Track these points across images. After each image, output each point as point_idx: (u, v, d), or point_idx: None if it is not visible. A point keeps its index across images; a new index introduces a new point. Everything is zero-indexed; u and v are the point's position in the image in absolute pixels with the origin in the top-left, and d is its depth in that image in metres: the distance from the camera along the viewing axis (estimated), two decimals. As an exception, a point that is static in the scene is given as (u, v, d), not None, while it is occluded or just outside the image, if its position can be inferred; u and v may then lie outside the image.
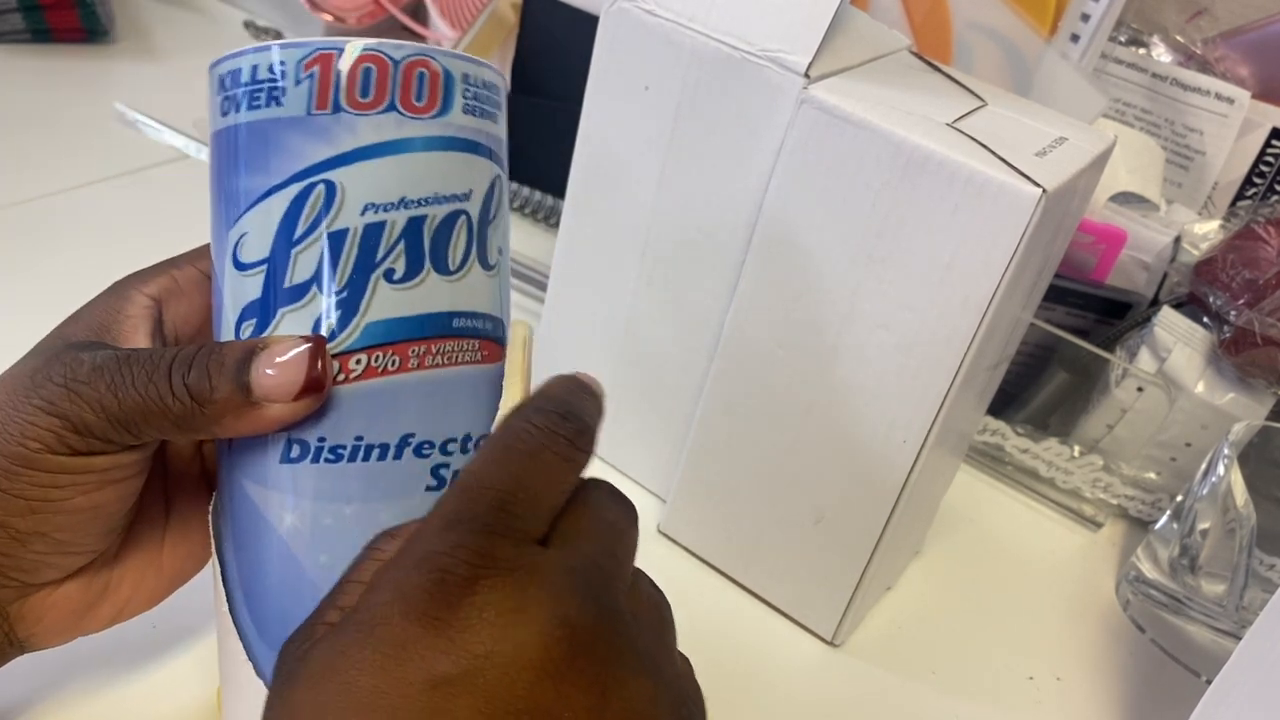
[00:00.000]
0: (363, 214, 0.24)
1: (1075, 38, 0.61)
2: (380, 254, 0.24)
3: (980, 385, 0.41)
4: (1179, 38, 0.69)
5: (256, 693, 0.25)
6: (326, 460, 0.24)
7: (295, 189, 0.24)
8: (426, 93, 0.25)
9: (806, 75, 0.35)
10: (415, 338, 0.25)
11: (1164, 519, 0.49)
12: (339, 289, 0.24)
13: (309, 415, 0.24)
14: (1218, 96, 0.66)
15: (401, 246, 0.25)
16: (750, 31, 0.36)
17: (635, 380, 0.46)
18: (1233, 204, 0.68)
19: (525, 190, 0.67)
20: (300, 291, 0.24)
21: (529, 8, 0.64)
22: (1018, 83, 0.56)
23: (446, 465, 0.25)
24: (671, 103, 0.39)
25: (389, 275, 0.24)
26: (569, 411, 0.24)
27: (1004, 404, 0.55)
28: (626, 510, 0.25)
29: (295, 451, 0.25)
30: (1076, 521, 0.54)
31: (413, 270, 0.25)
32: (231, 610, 0.26)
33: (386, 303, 0.24)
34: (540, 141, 0.65)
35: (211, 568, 0.27)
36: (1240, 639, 0.31)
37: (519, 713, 0.19)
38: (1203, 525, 0.46)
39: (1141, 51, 0.68)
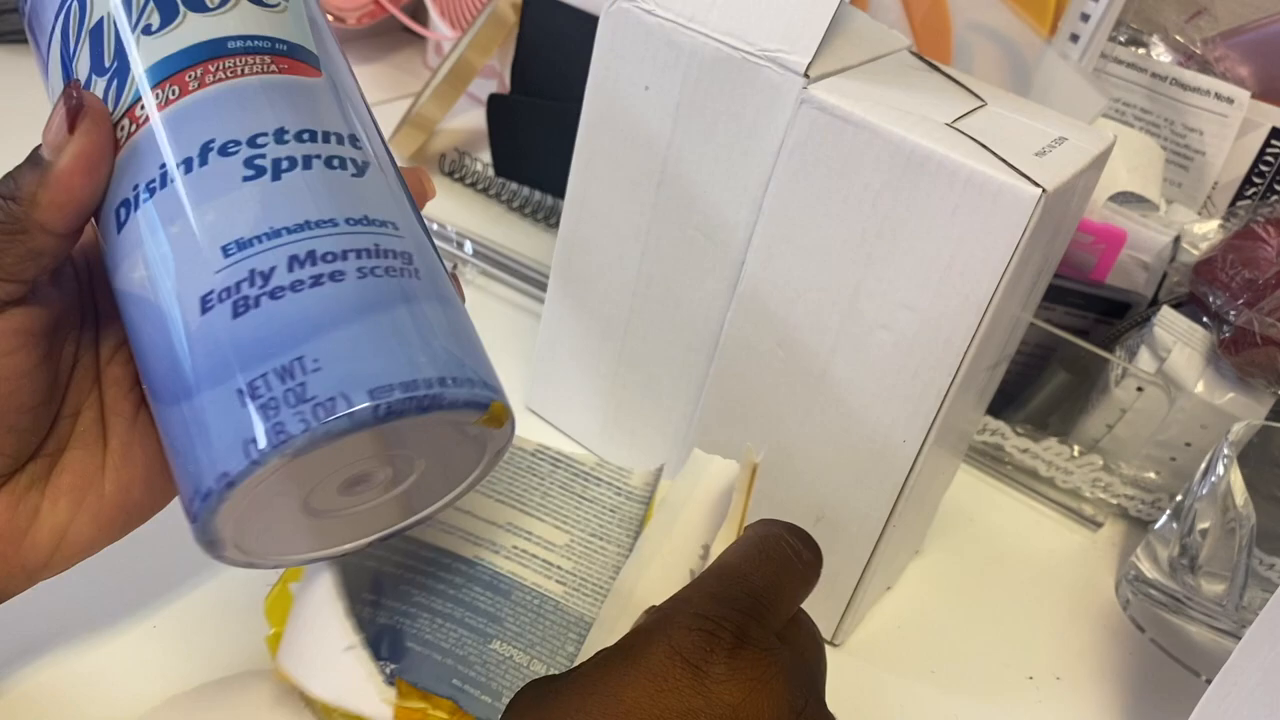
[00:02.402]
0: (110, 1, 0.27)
1: (1075, 38, 0.61)
2: (134, 18, 0.26)
3: (980, 385, 0.41)
4: (1179, 38, 0.69)
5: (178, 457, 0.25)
6: (144, 201, 0.25)
7: (61, 20, 0.27)
8: None
9: (806, 75, 0.35)
10: (189, 65, 0.26)
11: (1164, 519, 0.49)
12: (109, 64, 0.26)
13: (123, 176, 0.26)
14: (1217, 96, 0.66)
15: (151, 3, 0.26)
16: (750, 31, 0.36)
17: (635, 380, 0.46)
18: (1232, 204, 0.68)
19: (525, 190, 0.67)
20: (88, 86, 0.27)
21: (529, 8, 0.64)
22: (1017, 83, 0.56)
23: (260, 156, 0.25)
24: (671, 103, 0.39)
25: (147, 30, 0.26)
26: (810, 541, 0.29)
27: (1004, 404, 0.55)
28: (821, 637, 0.29)
29: (123, 215, 0.26)
30: (1076, 521, 0.54)
31: (169, 17, 0.26)
32: (152, 412, 0.26)
33: (152, 51, 0.26)
34: (540, 141, 0.65)
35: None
36: (1240, 639, 0.31)
37: None
38: (1202, 525, 0.46)
39: (1141, 51, 0.68)
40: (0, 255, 0.26)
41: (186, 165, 0.25)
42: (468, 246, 0.61)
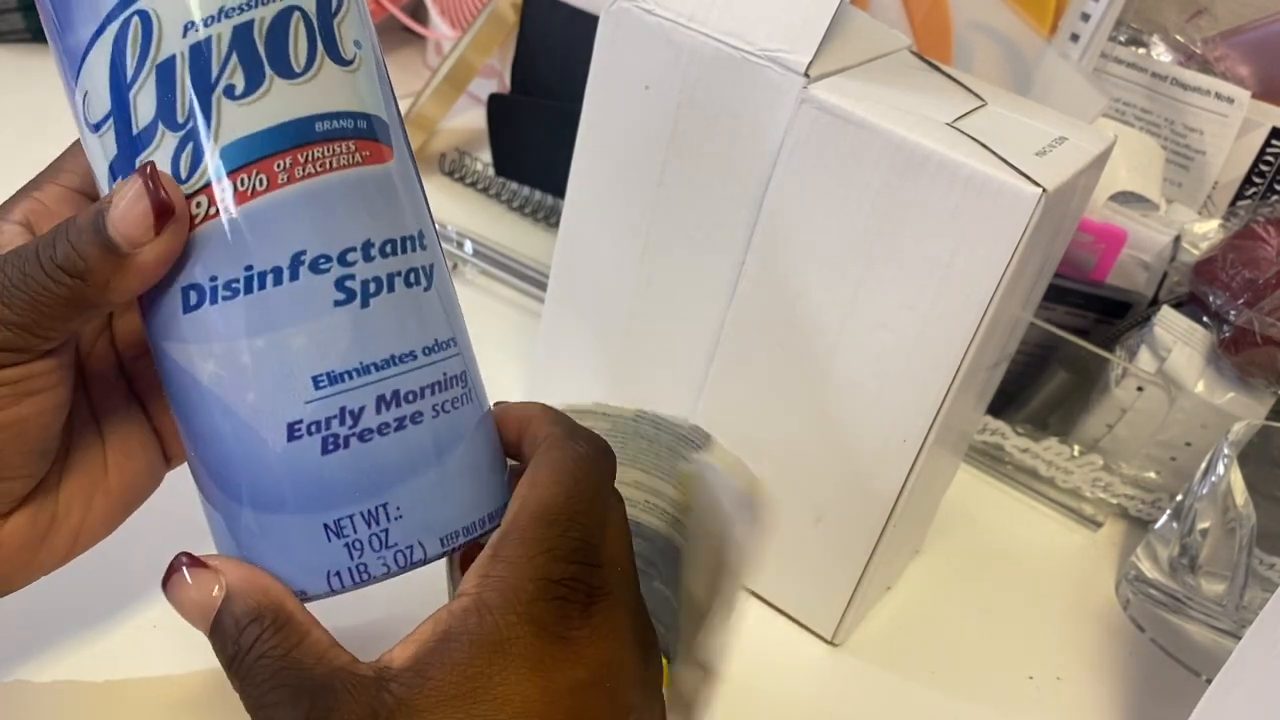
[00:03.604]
0: (185, 35, 0.23)
1: (1075, 37, 0.61)
2: (215, 72, 0.23)
3: (980, 385, 0.41)
4: (1179, 37, 0.69)
5: (228, 549, 0.26)
6: (224, 299, 0.24)
7: (113, 30, 0.23)
8: None
9: (806, 75, 0.35)
10: (277, 151, 0.23)
11: (1164, 518, 0.49)
12: (184, 121, 0.23)
13: (196, 258, 0.24)
14: (1218, 96, 0.66)
15: (235, 59, 0.23)
16: (750, 31, 0.36)
17: (635, 379, 0.46)
18: (1232, 203, 0.68)
19: (525, 190, 0.67)
20: (149, 135, 0.23)
21: (529, 8, 0.64)
22: (1018, 82, 0.56)
23: (351, 276, 0.24)
24: (671, 102, 0.39)
25: (229, 92, 0.23)
26: (593, 437, 0.27)
27: (1004, 403, 0.55)
28: (617, 494, 0.28)
29: (193, 299, 0.24)
30: (1076, 521, 0.54)
31: (254, 81, 0.23)
32: (194, 476, 0.26)
33: (236, 122, 0.23)
34: (540, 141, 0.65)
35: None
36: (1240, 639, 0.31)
37: (629, 708, 0.25)
38: (1202, 525, 0.46)
39: (1141, 51, 0.68)
40: (57, 321, 0.25)
41: (276, 276, 0.24)
42: (468, 246, 0.61)
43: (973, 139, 0.34)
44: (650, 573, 0.33)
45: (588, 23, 0.41)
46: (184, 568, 0.25)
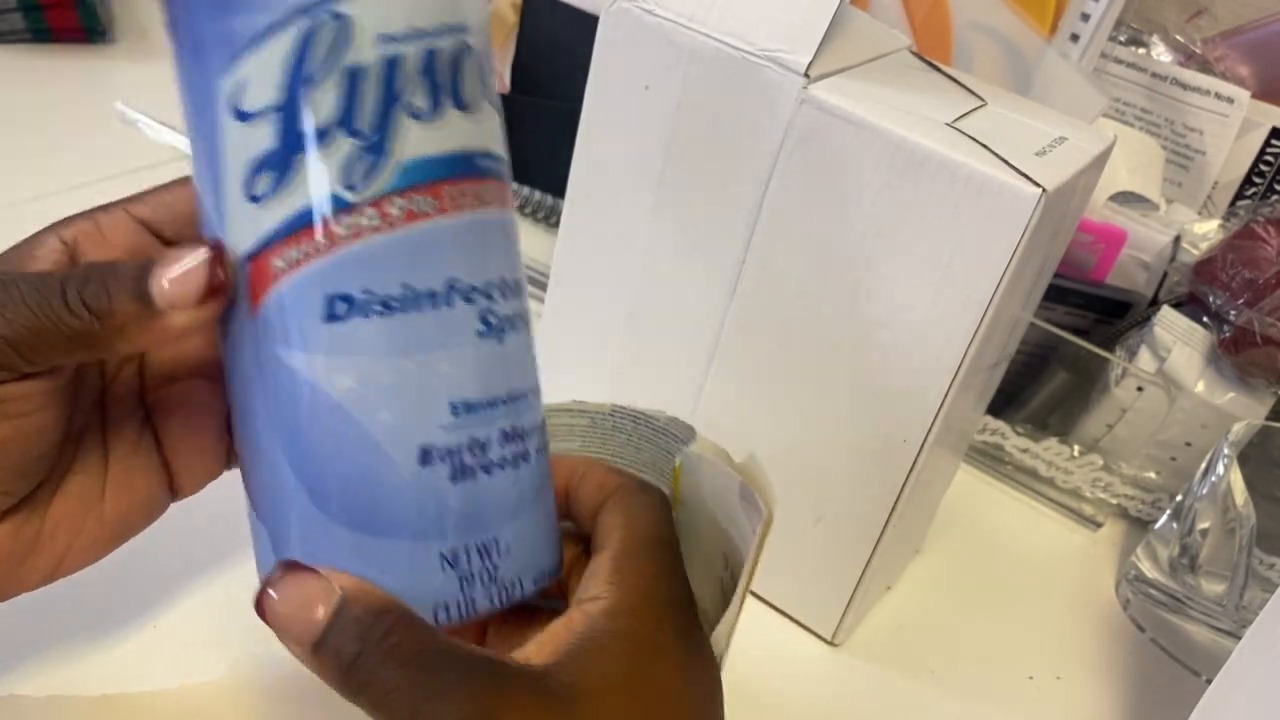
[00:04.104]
0: (377, 46, 0.23)
1: (1075, 37, 0.61)
2: (401, 89, 0.23)
3: (980, 385, 0.41)
4: (1179, 37, 0.69)
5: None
6: (376, 313, 0.23)
7: (302, 24, 0.22)
8: None
9: (806, 75, 0.35)
10: (448, 178, 0.24)
11: (1164, 518, 0.49)
12: (367, 128, 0.23)
13: (352, 269, 0.23)
14: (1218, 96, 0.66)
15: (421, 80, 0.23)
16: (750, 31, 0.36)
17: (635, 379, 0.46)
18: (1232, 203, 0.68)
19: (525, 190, 0.67)
20: (324, 135, 0.23)
21: (529, 8, 0.64)
22: (1018, 83, 0.56)
23: (492, 311, 0.24)
24: (671, 102, 0.39)
25: (413, 112, 0.23)
26: None
27: (1004, 404, 0.55)
28: None
29: (341, 309, 0.23)
30: (1076, 521, 0.54)
31: (435, 106, 0.23)
32: (260, 492, 0.25)
33: (416, 141, 0.23)
34: (540, 141, 0.65)
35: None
36: (1240, 639, 0.31)
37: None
38: (1202, 525, 0.46)
39: (1141, 51, 0.68)
40: (51, 350, 0.24)
41: (432, 299, 0.24)
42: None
43: (973, 139, 0.34)
44: None
45: (588, 23, 0.41)
46: (289, 573, 0.23)
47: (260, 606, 0.23)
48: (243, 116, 0.23)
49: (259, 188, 0.23)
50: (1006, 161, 0.33)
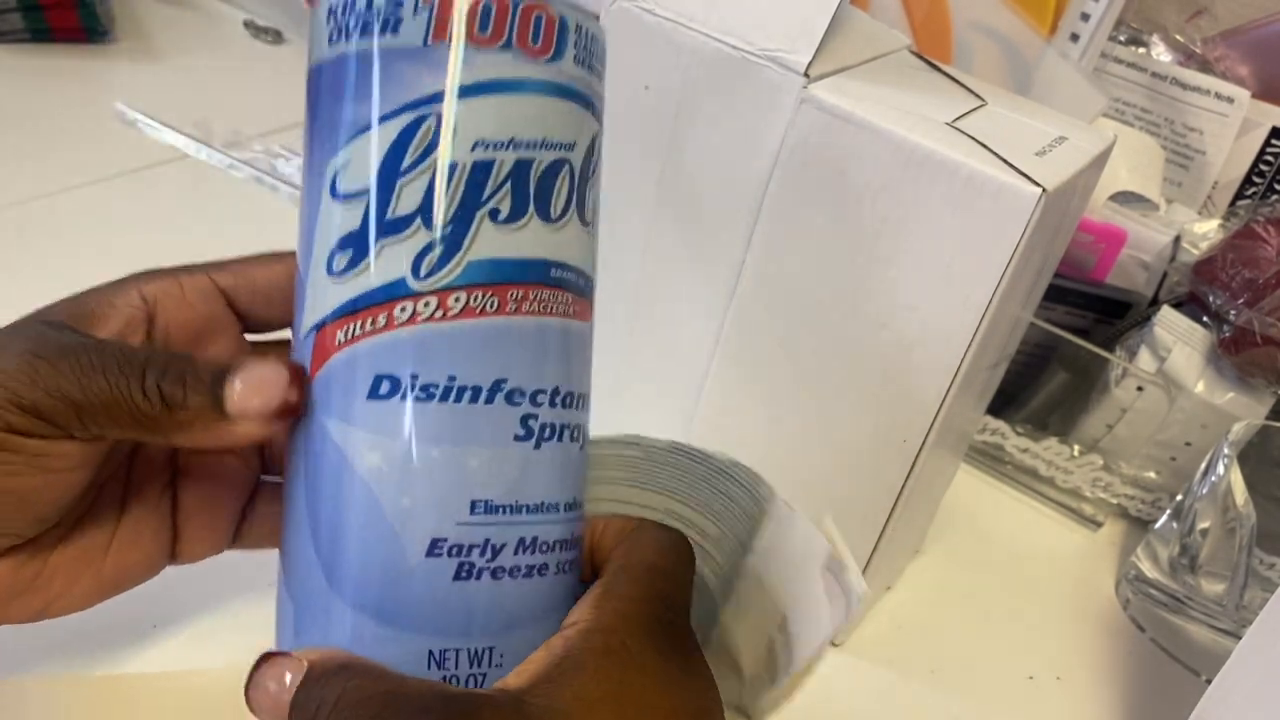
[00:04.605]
0: (473, 150, 0.24)
1: (1075, 37, 0.61)
2: (487, 192, 0.24)
3: (980, 385, 0.41)
4: (1179, 37, 0.69)
5: (310, 641, 0.25)
6: (417, 399, 0.24)
7: (406, 119, 0.24)
8: (542, 36, 0.25)
9: (806, 75, 0.35)
10: (515, 281, 0.24)
11: (1164, 518, 0.49)
12: (444, 223, 0.24)
13: (403, 352, 0.24)
14: (1217, 96, 0.66)
15: (508, 187, 0.24)
16: (750, 31, 0.36)
17: (635, 379, 0.46)
18: (1232, 203, 0.68)
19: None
20: (403, 224, 0.24)
21: (529, 7, 0.64)
22: (1018, 83, 0.56)
23: (535, 416, 0.25)
24: (671, 102, 0.39)
25: (494, 215, 0.24)
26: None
27: (1004, 403, 0.55)
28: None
29: (385, 388, 0.24)
30: (1076, 521, 0.54)
31: (517, 213, 0.24)
32: (295, 552, 0.26)
33: (490, 242, 0.24)
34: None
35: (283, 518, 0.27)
36: (1240, 638, 0.31)
37: None
38: (1202, 525, 0.46)
39: (1141, 51, 0.68)
40: (110, 424, 0.25)
41: (474, 394, 0.24)
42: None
43: (973, 139, 0.34)
44: None
45: (588, 23, 0.41)
46: (264, 662, 0.23)
47: (246, 698, 0.24)
48: (338, 196, 0.24)
49: (338, 264, 0.24)
50: (1006, 161, 0.33)
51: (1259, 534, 0.44)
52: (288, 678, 0.23)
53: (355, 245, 0.24)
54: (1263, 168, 0.67)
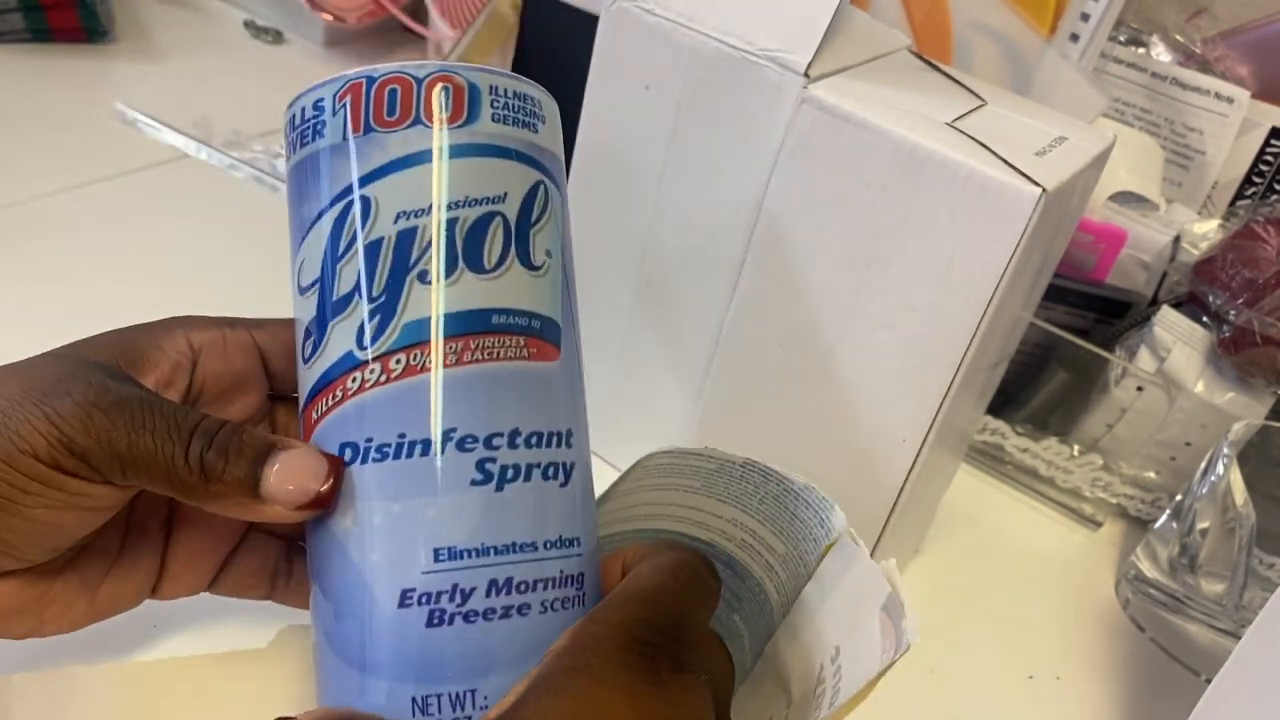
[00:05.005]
0: (395, 222, 0.26)
1: (1075, 37, 0.61)
2: (414, 258, 0.25)
3: (980, 384, 0.41)
4: (1179, 37, 0.69)
5: (330, 700, 0.26)
6: (374, 460, 0.25)
7: (337, 209, 0.26)
8: (451, 104, 0.26)
9: (806, 75, 0.35)
10: (453, 334, 0.25)
11: (1163, 518, 0.49)
12: (376, 295, 0.25)
13: (359, 420, 0.25)
14: (1217, 96, 0.66)
15: (434, 249, 0.25)
16: (750, 31, 0.36)
17: (635, 379, 0.46)
18: (1232, 203, 0.68)
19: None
20: (345, 303, 0.26)
21: (529, 8, 0.64)
22: (1018, 82, 0.56)
23: (493, 460, 0.25)
24: (671, 103, 0.39)
25: (422, 277, 0.25)
26: (714, 568, 0.28)
27: (1004, 403, 0.55)
28: (729, 654, 0.28)
29: (349, 455, 0.25)
30: (1076, 521, 0.54)
31: (447, 270, 0.25)
32: (313, 614, 0.27)
33: (421, 303, 0.25)
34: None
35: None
36: (1240, 638, 0.31)
37: None
38: (1202, 524, 0.46)
39: (1141, 51, 0.68)
40: (148, 479, 0.26)
41: (425, 447, 0.25)
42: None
43: (973, 139, 0.34)
44: (733, 604, 0.33)
45: (588, 23, 0.41)
46: None
47: None
48: (301, 290, 0.27)
49: (306, 351, 0.27)
50: (1006, 161, 0.33)
51: (1259, 534, 0.44)
52: None
53: (316, 331, 0.26)
54: (1262, 168, 0.67)
